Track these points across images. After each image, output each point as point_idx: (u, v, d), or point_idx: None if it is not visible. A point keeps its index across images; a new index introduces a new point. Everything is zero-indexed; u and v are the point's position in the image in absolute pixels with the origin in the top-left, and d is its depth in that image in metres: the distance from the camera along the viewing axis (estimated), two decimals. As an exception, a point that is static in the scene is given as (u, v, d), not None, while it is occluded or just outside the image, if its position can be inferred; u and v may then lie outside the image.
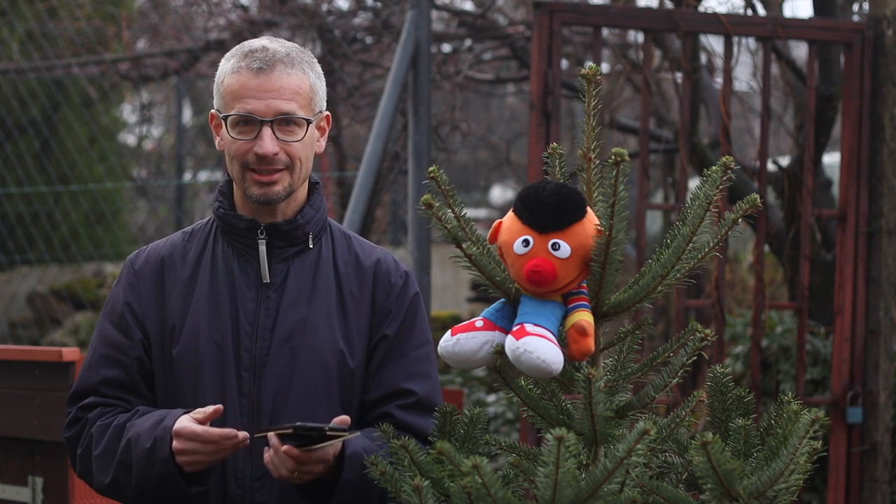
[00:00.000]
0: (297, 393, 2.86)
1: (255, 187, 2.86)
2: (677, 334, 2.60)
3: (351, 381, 2.89)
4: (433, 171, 2.56)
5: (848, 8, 6.57)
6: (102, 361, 2.94)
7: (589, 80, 2.51)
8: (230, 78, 2.87)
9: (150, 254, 2.97)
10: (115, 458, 2.85)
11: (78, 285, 10.36)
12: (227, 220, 2.92)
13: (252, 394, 2.86)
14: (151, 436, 2.78)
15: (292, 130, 2.86)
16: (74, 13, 9.54)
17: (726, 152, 5.32)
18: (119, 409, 2.91)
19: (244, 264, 2.91)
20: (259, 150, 2.83)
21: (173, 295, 2.92)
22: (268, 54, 2.85)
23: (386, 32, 7.50)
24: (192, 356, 2.87)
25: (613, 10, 5.67)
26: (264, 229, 2.89)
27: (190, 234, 3.00)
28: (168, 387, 2.90)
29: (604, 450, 2.48)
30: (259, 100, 2.83)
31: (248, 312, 2.88)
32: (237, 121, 2.86)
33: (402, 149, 6.90)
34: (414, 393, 2.88)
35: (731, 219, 2.50)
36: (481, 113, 11.96)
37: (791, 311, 6.47)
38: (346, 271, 2.94)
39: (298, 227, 2.91)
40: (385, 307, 2.93)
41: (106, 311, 2.98)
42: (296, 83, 2.86)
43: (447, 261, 2.92)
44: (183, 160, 12.40)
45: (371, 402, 2.92)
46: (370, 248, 3.00)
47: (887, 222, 5.36)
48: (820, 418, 2.39)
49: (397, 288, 2.94)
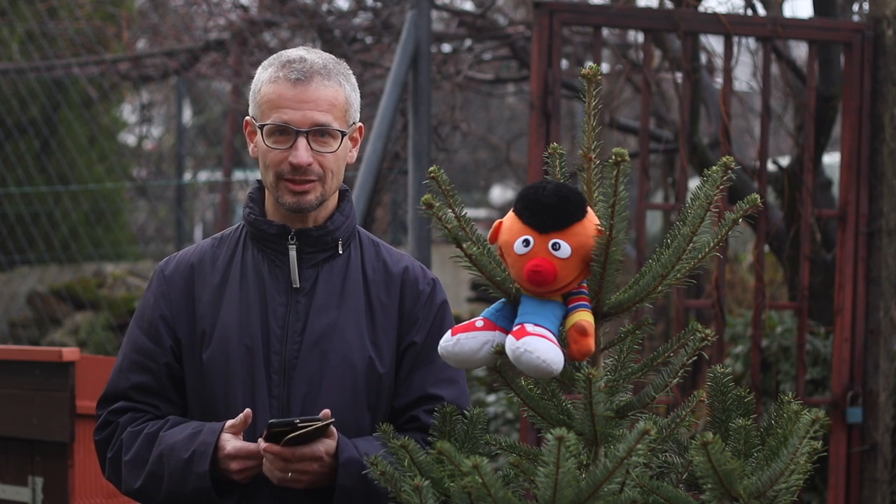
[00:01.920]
0: (326, 395, 2.89)
1: (288, 196, 2.89)
2: (677, 334, 2.59)
3: (379, 385, 2.93)
4: (433, 171, 2.56)
5: (848, 8, 6.57)
6: (132, 367, 2.97)
7: (589, 80, 2.51)
8: (267, 87, 2.89)
9: (181, 261, 3.01)
10: (145, 467, 2.88)
11: (78, 285, 10.36)
12: (257, 226, 2.95)
13: (282, 396, 2.89)
14: (188, 448, 2.82)
15: (327, 142, 2.89)
16: (74, 13, 9.55)
17: (726, 152, 5.32)
18: (149, 416, 2.95)
19: (274, 269, 2.94)
20: (294, 160, 2.86)
21: (203, 300, 2.95)
22: (306, 65, 2.88)
23: (386, 32, 7.51)
24: (222, 360, 2.90)
25: (613, 10, 5.67)
26: (294, 235, 2.93)
27: (219, 240, 3.03)
28: (199, 390, 2.93)
29: (604, 450, 2.48)
30: (296, 110, 2.86)
31: (277, 316, 2.91)
32: (273, 130, 2.89)
33: (402, 149, 6.90)
34: (442, 398, 2.90)
35: (731, 219, 2.50)
36: (481, 113, 11.97)
37: (791, 311, 6.47)
38: (374, 278, 2.98)
39: (328, 234, 2.95)
40: (413, 314, 2.97)
41: (136, 316, 3.01)
42: (332, 95, 2.89)
43: (447, 261, 2.92)
44: (183, 160, 12.41)
45: (400, 408, 2.95)
46: (398, 256, 3.03)
47: (887, 222, 5.36)
48: (820, 418, 2.39)
49: (425, 295, 2.99)
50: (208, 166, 14.23)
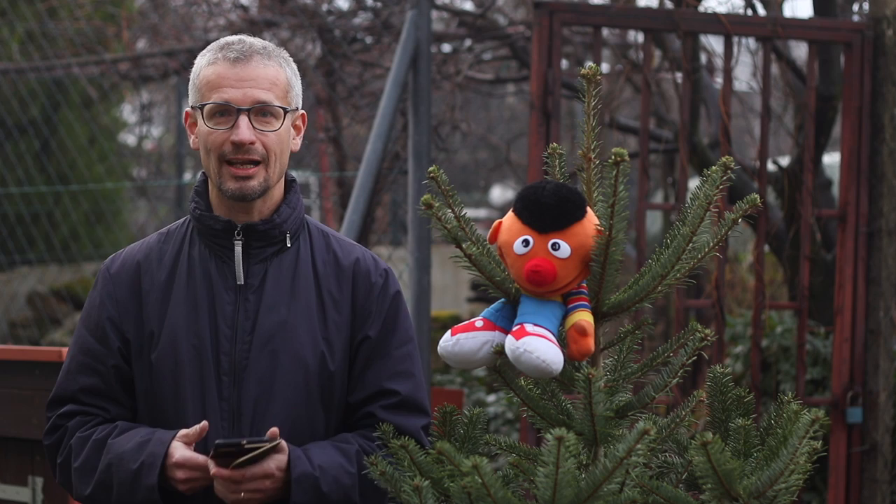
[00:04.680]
0: (278, 396, 2.83)
1: (230, 181, 2.82)
2: (677, 334, 2.60)
3: (331, 383, 2.87)
4: (433, 171, 2.56)
5: (848, 8, 6.57)
6: (80, 369, 2.90)
7: (589, 80, 2.51)
8: (206, 70, 2.85)
9: (126, 258, 2.93)
10: (94, 475, 2.82)
11: (78, 285, 10.36)
12: (203, 221, 2.88)
13: (232, 398, 2.82)
14: (137, 459, 2.76)
15: (269, 121, 2.83)
16: (74, 13, 9.54)
17: (726, 152, 5.32)
18: (98, 419, 2.88)
19: (221, 266, 2.87)
20: (235, 138, 2.80)
21: (150, 299, 2.88)
22: (245, 45, 2.84)
23: (386, 32, 7.50)
24: (170, 361, 2.83)
25: (613, 10, 5.67)
26: (241, 230, 2.86)
27: (166, 235, 2.95)
28: (148, 392, 2.86)
29: (604, 450, 2.48)
30: (236, 89, 2.81)
31: (226, 315, 2.84)
32: (214, 111, 2.83)
33: (402, 149, 6.90)
34: (398, 393, 2.86)
35: (731, 219, 2.50)
36: (481, 113, 11.96)
37: (791, 311, 6.47)
38: (324, 271, 2.90)
39: (275, 227, 2.87)
40: (366, 308, 2.89)
41: (83, 317, 2.94)
42: (272, 74, 2.85)
43: (447, 261, 2.91)
44: (183, 160, 12.40)
45: (355, 404, 2.89)
46: (349, 247, 2.96)
47: (887, 222, 5.36)
48: (820, 418, 2.39)
49: (377, 287, 2.91)
50: (208, 166, 14.20)
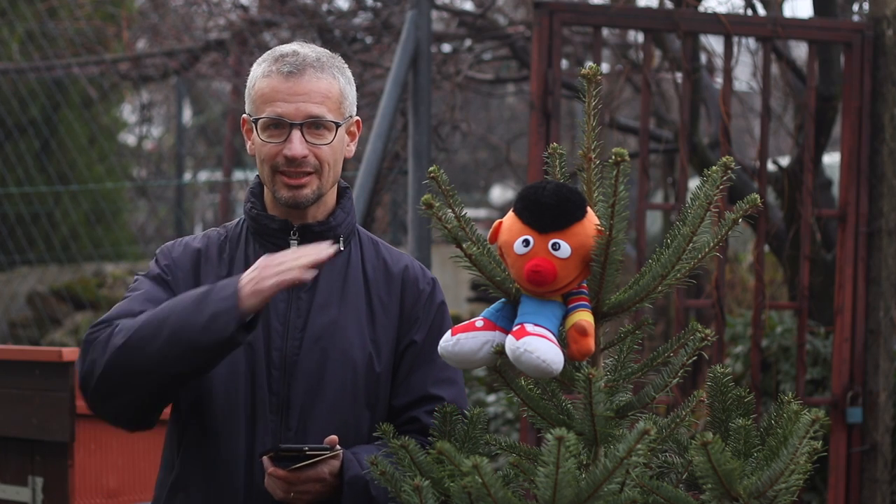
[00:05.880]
0: (326, 392, 2.88)
1: (284, 190, 2.88)
2: (677, 334, 2.59)
3: (377, 384, 2.92)
4: (433, 171, 2.56)
5: (848, 8, 6.57)
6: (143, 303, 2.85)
7: (589, 80, 2.51)
8: (261, 82, 2.89)
9: (187, 244, 2.97)
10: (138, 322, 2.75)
11: (78, 285, 10.36)
12: (259, 221, 2.94)
13: (282, 392, 2.88)
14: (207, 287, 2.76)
15: (321, 134, 2.88)
16: (74, 13, 9.55)
17: (726, 152, 5.32)
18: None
19: None
20: (288, 152, 2.85)
21: None
22: (298, 59, 2.88)
23: (386, 32, 7.51)
24: None
25: (613, 10, 5.67)
26: (297, 230, 2.92)
27: (225, 233, 3.00)
28: (198, 384, 2.88)
29: (604, 450, 2.48)
30: (289, 103, 2.86)
31: (279, 312, 2.89)
32: (267, 124, 2.88)
33: (402, 149, 6.90)
34: (442, 398, 2.89)
35: (731, 219, 2.50)
36: (481, 113, 11.96)
37: (791, 311, 6.47)
38: (374, 276, 2.97)
39: (330, 230, 2.94)
40: (413, 313, 2.97)
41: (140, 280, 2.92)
42: (325, 87, 2.88)
43: (447, 261, 2.92)
44: (183, 160, 12.42)
45: (399, 408, 2.94)
46: (397, 255, 3.03)
47: (887, 222, 5.36)
48: (820, 418, 2.39)
49: (425, 294, 2.99)
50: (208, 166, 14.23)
